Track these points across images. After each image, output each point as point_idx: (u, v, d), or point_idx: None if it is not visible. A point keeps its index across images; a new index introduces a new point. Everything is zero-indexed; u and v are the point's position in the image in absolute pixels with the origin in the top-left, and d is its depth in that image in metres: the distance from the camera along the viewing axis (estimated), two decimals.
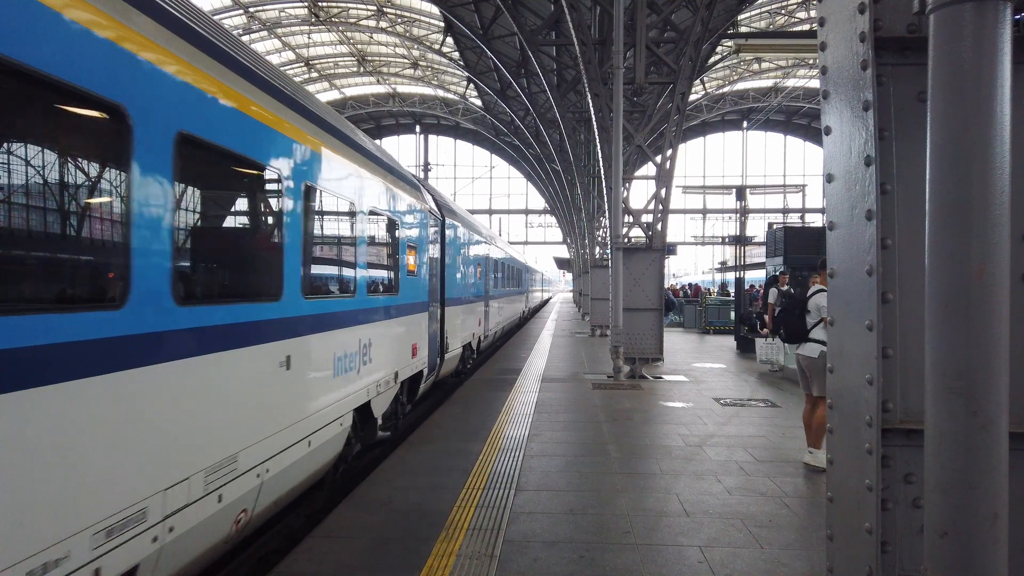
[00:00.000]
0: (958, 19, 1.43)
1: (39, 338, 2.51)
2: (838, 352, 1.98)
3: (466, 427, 8.05)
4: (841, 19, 1.91)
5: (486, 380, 12.01)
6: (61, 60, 2.65)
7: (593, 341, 20.10)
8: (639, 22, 12.38)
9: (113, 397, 2.92)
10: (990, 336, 1.42)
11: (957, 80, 1.44)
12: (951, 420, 1.45)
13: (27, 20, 2.50)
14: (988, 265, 1.41)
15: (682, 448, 7.15)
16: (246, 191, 4.56)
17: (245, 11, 34.44)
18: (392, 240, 7.67)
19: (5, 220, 2.58)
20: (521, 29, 17.69)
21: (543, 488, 5.72)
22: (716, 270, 39.73)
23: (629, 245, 13.09)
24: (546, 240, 59.65)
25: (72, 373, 2.68)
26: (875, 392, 1.78)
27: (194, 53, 3.58)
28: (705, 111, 50.31)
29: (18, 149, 2.66)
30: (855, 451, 1.86)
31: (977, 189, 1.42)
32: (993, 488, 1.43)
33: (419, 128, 57.53)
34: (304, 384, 5.01)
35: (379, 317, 6.99)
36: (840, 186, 1.94)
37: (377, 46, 41.38)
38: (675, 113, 12.97)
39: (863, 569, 1.82)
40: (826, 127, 2.01)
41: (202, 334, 3.64)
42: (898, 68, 1.84)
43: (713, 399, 10.22)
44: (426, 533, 4.66)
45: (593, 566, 4.16)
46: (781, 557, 4.34)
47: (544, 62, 19.10)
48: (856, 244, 1.86)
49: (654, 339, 12.88)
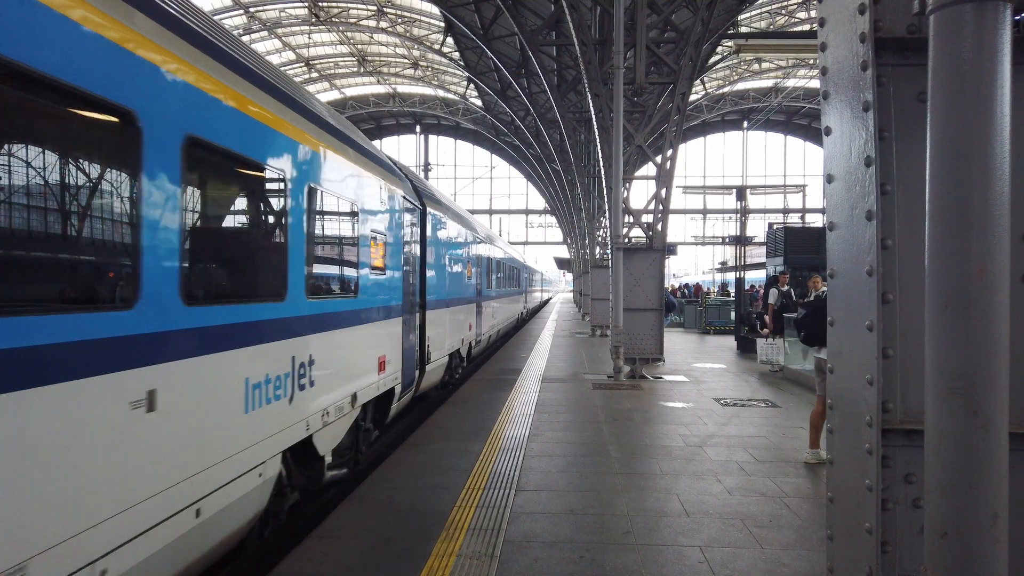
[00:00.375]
0: (958, 20, 1.43)
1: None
2: (838, 352, 1.99)
3: (466, 427, 8.05)
4: (841, 20, 1.92)
5: (486, 380, 12.01)
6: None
7: (593, 341, 20.09)
8: (639, 22, 12.38)
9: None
10: (990, 336, 1.42)
11: (957, 81, 1.44)
12: (951, 420, 1.45)
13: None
14: (988, 265, 1.41)
15: (682, 448, 7.15)
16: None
17: (245, 11, 34.45)
18: (350, 229, 6.23)
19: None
20: (521, 29, 17.69)
21: (543, 488, 5.72)
22: (716, 270, 39.75)
23: (629, 245, 13.09)
24: (546, 240, 59.69)
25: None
26: (875, 392, 1.78)
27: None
28: (705, 111, 50.31)
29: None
30: (855, 451, 1.86)
31: (977, 189, 1.42)
32: (993, 488, 1.43)
33: (419, 128, 57.54)
34: (183, 430, 3.50)
35: (326, 326, 5.43)
36: (840, 186, 1.94)
37: (377, 46, 41.38)
38: (675, 113, 12.97)
39: (863, 569, 1.82)
40: (826, 127, 2.02)
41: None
42: (898, 69, 1.85)
43: (713, 399, 10.22)
44: (426, 533, 4.65)
45: (593, 566, 4.16)
46: (781, 557, 4.34)
47: (544, 62, 19.10)
48: (856, 244, 1.86)
49: (654, 339, 12.88)
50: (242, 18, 35.03)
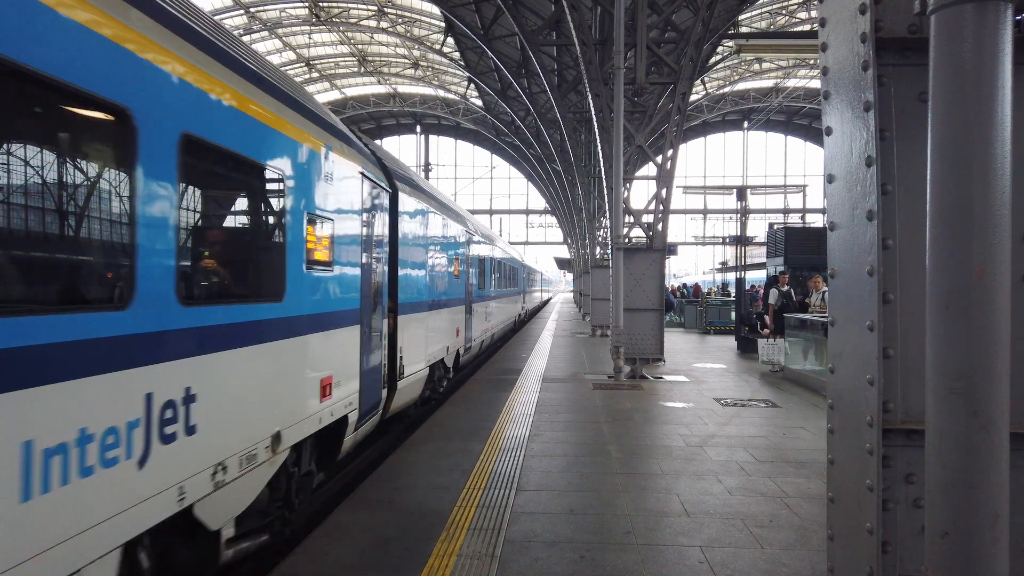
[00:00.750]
0: (959, 20, 1.43)
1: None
2: (839, 352, 1.99)
3: (467, 427, 8.05)
4: (842, 20, 1.92)
5: (487, 380, 12.01)
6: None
7: (594, 341, 20.09)
8: (640, 22, 12.38)
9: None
10: (991, 337, 1.42)
11: (958, 81, 1.44)
12: (952, 420, 1.45)
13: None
14: (989, 266, 1.41)
15: (683, 448, 7.15)
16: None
17: (246, 11, 34.46)
18: (266, 205, 4.71)
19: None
20: (522, 29, 17.70)
21: (544, 488, 5.72)
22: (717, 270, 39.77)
23: (630, 245, 13.09)
24: (547, 240, 59.70)
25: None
26: (876, 392, 1.78)
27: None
28: (706, 111, 50.31)
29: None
30: (856, 451, 1.87)
31: (978, 190, 1.42)
32: (994, 488, 1.43)
33: (420, 128, 57.55)
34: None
35: (219, 344, 3.89)
36: (841, 186, 1.94)
37: (378, 46, 41.40)
38: (676, 113, 12.97)
39: (864, 569, 1.82)
40: (827, 128, 2.02)
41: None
42: (899, 69, 1.85)
43: (714, 399, 10.22)
44: (427, 533, 4.65)
45: (594, 566, 4.16)
46: (782, 557, 4.34)
47: (545, 62, 19.11)
48: (857, 244, 1.86)
49: (655, 339, 12.88)
50: (243, 18, 35.05)
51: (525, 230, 59.70)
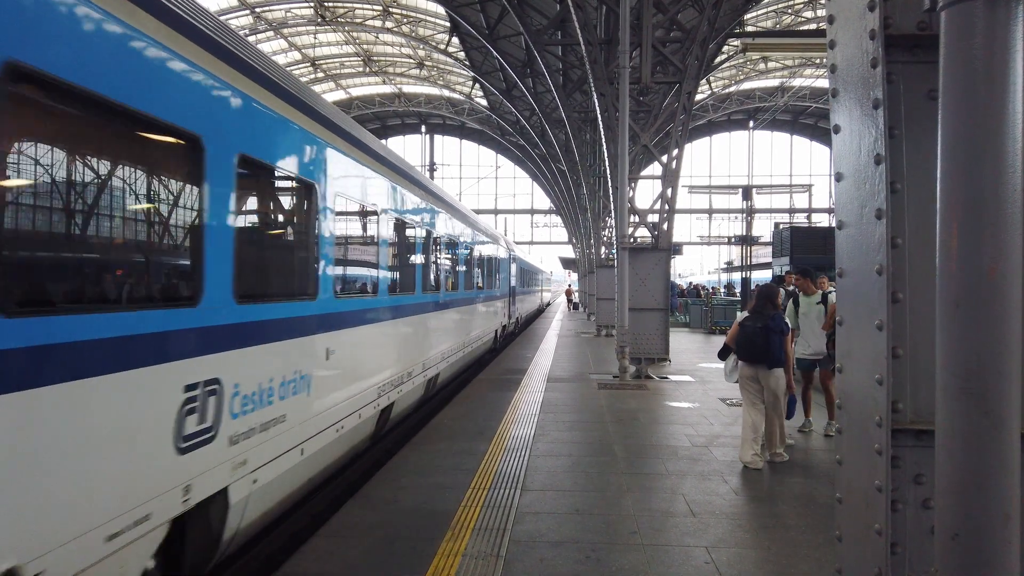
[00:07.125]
0: (969, 16, 1.41)
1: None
2: (847, 352, 1.97)
3: (472, 427, 8.05)
4: (851, 17, 1.90)
5: (492, 380, 12.01)
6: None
7: (599, 341, 20.07)
8: (645, 21, 12.35)
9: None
10: (1002, 336, 1.41)
11: (968, 78, 1.43)
12: (962, 420, 1.43)
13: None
14: (1000, 264, 1.40)
15: (688, 448, 7.13)
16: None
17: (252, 11, 34.56)
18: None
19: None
20: (527, 29, 17.67)
21: (549, 488, 5.71)
22: (722, 270, 39.65)
23: (635, 245, 13.06)
24: (551, 240, 59.68)
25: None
26: (885, 392, 1.77)
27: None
28: (711, 111, 50.19)
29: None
30: (865, 451, 1.85)
31: (989, 188, 1.40)
32: (1005, 489, 1.41)
33: (425, 128, 57.59)
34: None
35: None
36: (849, 185, 1.93)
37: (383, 46, 41.44)
38: (681, 113, 12.94)
39: (872, 570, 1.81)
40: (835, 126, 2.00)
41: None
42: (908, 66, 1.83)
43: (719, 399, 10.19)
44: (432, 533, 4.65)
45: (599, 566, 4.15)
46: (788, 558, 4.33)
47: (550, 62, 19.08)
48: (866, 243, 1.85)
49: (660, 339, 12.85)
50: (248, 18, 35.15)
51: (530, 230, 59.76)
